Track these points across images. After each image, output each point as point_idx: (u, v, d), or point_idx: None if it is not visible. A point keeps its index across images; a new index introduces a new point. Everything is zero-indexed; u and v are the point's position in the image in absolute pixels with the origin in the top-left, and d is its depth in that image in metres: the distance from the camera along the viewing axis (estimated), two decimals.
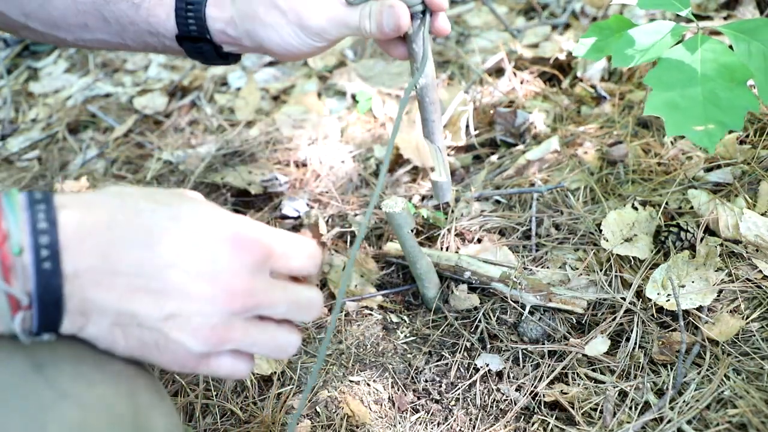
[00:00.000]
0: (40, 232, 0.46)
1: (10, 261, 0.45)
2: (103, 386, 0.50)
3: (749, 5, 1.28)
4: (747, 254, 0.87)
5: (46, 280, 0.46)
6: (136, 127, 1.58)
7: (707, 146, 0.75)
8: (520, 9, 1.68)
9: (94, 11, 0.80)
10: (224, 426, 0.84)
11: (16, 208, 0.47)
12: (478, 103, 1.30)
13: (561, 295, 0.87)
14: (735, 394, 0.73)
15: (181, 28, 0.78)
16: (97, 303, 0.49)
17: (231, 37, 0.78)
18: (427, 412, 0.81)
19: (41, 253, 0.46)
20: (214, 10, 0.76)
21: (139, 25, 0.79)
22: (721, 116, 0.75)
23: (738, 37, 0.80)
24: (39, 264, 0.46)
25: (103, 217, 0.50)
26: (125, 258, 0.49)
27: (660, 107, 0.78)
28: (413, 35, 0.71)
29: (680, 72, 0.79)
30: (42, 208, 0.47)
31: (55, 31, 0.83)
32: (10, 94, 1.85)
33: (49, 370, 0.47)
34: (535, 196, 1.04)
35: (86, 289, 0.48)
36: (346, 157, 1.29)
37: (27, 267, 0.46)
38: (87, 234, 0.48)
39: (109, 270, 0.49)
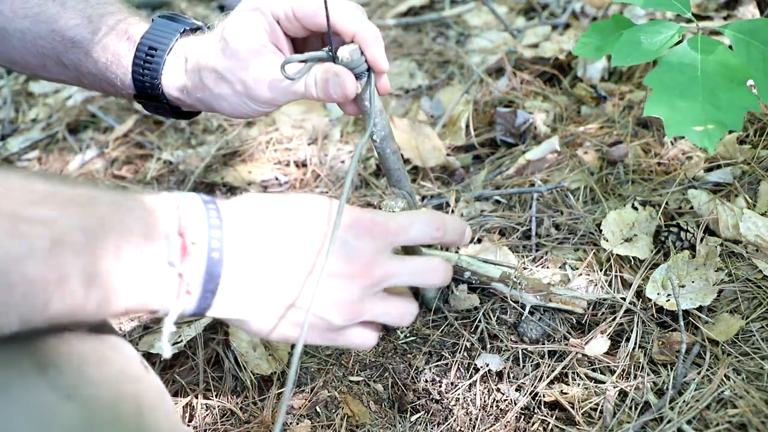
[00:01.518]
0: (212, 226, 0.55)
1: (188, 250, 0.53)
2: (106, 388, 0.50)
3: (749, 5, 1.28)
4: (747, 254, 0.87)
5: (212, 268, 0.54)
6: (136, 127, 1.58)
7: (707, 146, 0.75)
8: (520, 9, 1.68)
9: (53, 55, 0.78)
10: (224, 426, 0.84)
11: (198, 205, 0.56)
12: (478, 103, 1.30)
13: (561, 295, 0.87)
14: (735, 394, 0.73)
15: (138, 89, 0.77)
16: (246, 289, 0.58)
17: (185, 102, 0.78)
18: (427, 412, 0.81)
19: (212, 245, 0.54)
20: (168, 79, 0.76)
21: (98, 76, 0.79)
22: (721, 116, 0.75)
23: (738, 37, 0.80)
24: (210, 253, 0.54)
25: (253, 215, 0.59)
26: (271, 250, 0.59)
27: (660, 108, 0.78)
28: (362, 93, 0.70)
29: (681, 73, 0.79)
30: (212, 207, 0.57)
31: (12, 65, 0.83)
32: (10, 94, 1.85)
33: (53, 372, 0.48)
34: (535, 196, 1.04)
35: (239, 278, 0.57)
36: (346, 157, 1.29)
37: (197, 258, 0.54)
38: (243, 230, 0.58)
39: (260, 258, 0.58)
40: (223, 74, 0.72)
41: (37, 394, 0.46)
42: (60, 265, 0.46)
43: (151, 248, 0.52)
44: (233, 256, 0.56)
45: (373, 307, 0.64)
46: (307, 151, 1.32)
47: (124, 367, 0.54)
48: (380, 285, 0.64)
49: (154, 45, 0.75)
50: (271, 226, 0.60)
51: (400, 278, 0.65)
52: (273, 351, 0.90)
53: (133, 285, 0.51)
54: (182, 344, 0.91)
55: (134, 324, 1.00)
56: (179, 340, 0.92)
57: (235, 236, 0.57)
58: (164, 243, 0.52)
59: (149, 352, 0.91)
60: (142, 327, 0.99)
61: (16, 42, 0.79)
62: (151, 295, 0.53)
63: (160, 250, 0.52)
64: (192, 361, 0.91)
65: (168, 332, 0.55)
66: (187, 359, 0.92)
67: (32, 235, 0.45)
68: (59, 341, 0.50)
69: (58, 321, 0.48)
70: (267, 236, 0.59)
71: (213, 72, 0.72)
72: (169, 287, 0.53)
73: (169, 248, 0.53)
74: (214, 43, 0.73)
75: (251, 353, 0.90)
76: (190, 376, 0.90)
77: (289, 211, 0.62)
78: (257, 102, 0.74)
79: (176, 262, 0.53)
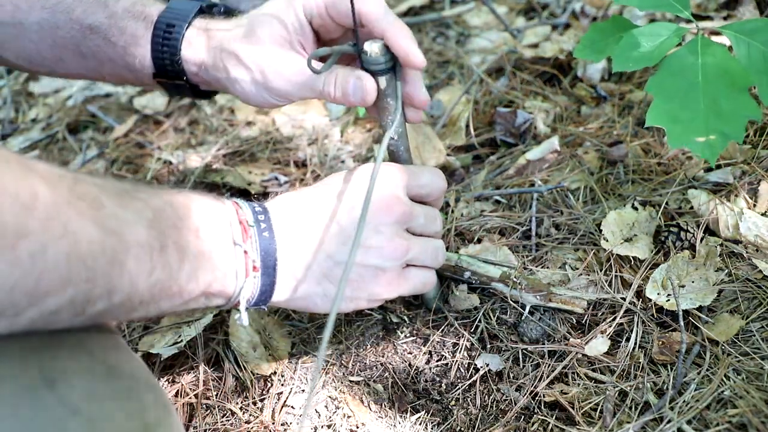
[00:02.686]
0: (258, 213, 0.66)
1: (249, 232, 0.63)
2: (113, 403, 0.51)
3: (749, 5, 1.28)
4: (747, 254, 0.87)
5: (267, 245, 0.64)
6: (136, 127, 1.58)
7: (708, 158, 0.75)
8: (520, 9, 1.68)
9: (71, 45, 0.79)
10: (224, 426, 0.84)
11: (243, 202, 0.67)
12: (478, 103, 1.30)
13: (561, 295, 0.87)
14: (735, 394, 0.73)
15: (158, 67, 0.78)
16: (304, 260, 0.67)
17: (204, 79, 0.79)
18: (427, 412, 0.81)
19: (261, 227, 0.64)
20: (189, 52, 0.77)
21: (117, 62, 0.80)
22: (723, 126, 0.75)
23: (738, 38, 0.80)
24: (261, 233, 0.64)
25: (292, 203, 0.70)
26: (311, 221, 0.68)
27: (662, 118, 0.77)
28: (385, 89, 0.70)
29: (682, 79, 0.78)
30: (255, 202, 0.68)
31: (27, 64, 0.83)
32: (10, 94, 1.85)
33: (60, 386, 0.48)
34: (535, 196, 1.04)
35: (291, 253, 0.66)
36: (346, 157, 1.29)
37: (254, 238, 0.63)
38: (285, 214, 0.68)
39: (306, 232, 0.68)
40: (243, 60, 0.73)
41: (44, 409, 0.46)
42: (161, 235, 0.54)
43: (220, 231, 0.61)
44: (283, 235, 0.66)
45: (412, 244, 0.72)
46: (307, 151, 1.32)
47: (131, 382, 0.54)
48: (406, 222, 0.72)
49: (172, 22, 0.77)
50: (309, 206, 0.70)
51: (418, 219, 0.73)
52: (273, 351, 0.90)
53: (212, 261, 0.59)
54: (182, 344, 0.91)
55: (135, 324, 1.00)
56: (179, 340, 0.92)
57: (281, 220, 0.67)
58: (228, 228, 0.62)
59: (149, 352, 0.91)
60: (142, 327, 0.99)
61: (34, 35, 0.79)
62: (226, 272, 0.61)
63: (227, 233, 0.62)
64: (192, 361, 0.91)
65: (244, 304, 0.64)
66: (187, 359, 0.92)
67: (137, 208, 0.53)
68: (67, 355, 0.51)
69: (157, 293, 0.55)
70: (307, 215, 0.69)
71: (234, 56, 0.74)
72: (239, 265, 0.62)
73: (232, 231, 0.62)
74: (241, 27, 0.74)
75: (251, 353, 0.90)
76: (190, 376, 0.90)
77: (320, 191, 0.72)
78: (272, 93, 0.75)
79: (240, 242, 0.62)
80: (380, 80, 0.70)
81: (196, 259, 0.57)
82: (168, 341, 0.92)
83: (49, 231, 0.45)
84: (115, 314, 0.53)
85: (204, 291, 0.59)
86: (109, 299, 0.50)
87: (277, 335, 0.92)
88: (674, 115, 0.77)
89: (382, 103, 0.72)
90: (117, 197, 0.52)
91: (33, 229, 0.44)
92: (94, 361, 0.52)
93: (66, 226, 0.46)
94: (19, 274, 0.43)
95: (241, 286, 0.63)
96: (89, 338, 0.54)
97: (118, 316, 0.55)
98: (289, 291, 0.67)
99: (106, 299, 0.50)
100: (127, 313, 0.54)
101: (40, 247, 0.44)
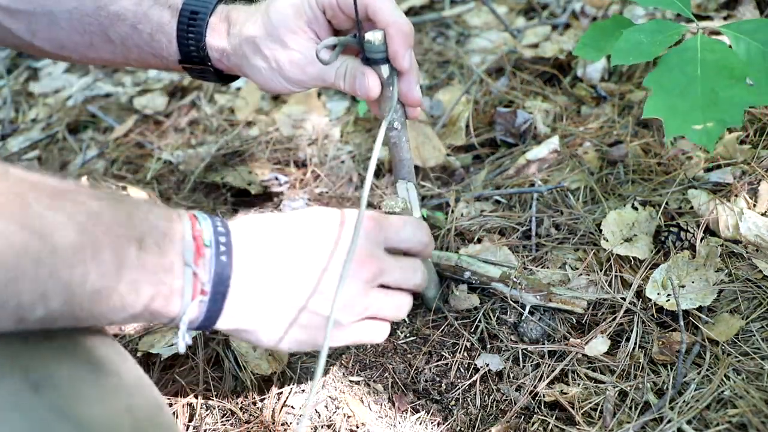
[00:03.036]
0: (219, 233, 0.59)
1: (202, 251, 0.57)
2: (101, 405, 0.50)
3: (749, 5, 1.28)
4: (747, 254, 0.87)
5: (221, 269, 0.58)
6: (136, 127, 1.58)
7: (706, 144, 0.74)
8: (520, 9, 1.68)
9: (99, 32, 0.82)
10: (224, 426, 0.84)
11: (203, 216, 0.60)
12: (478, 103, 1.30)
13: (561, 295, 0.87)
14: (735, 394, 0.73)
15: (183, 54, 0.80)
16: (260, 295, 0.61)
17: (226, 66, 0.81)
18: (427, 412, 0.81)
19: (220, 248, 0.58)
20: (212, 39, 0.79)
21: (143, 48, 0.82)
22: (720, 114, 0.75)
23: (737, 37, 0.80)
24: (218, 256, 0.58)
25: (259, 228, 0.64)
26: (277, 256, 0.62)
27: (659, 109, 0.77)
28: (387, 79, 0.73)
29: (681, 73, 0.79)
30: (218, 219, 0.61)
31: (59, 50, 0.86)
32: (10, 94, 1.85)
33: (46, 391, 0.48)
34: (535, 196, 1.04)
35: (248, 283, 0.60)
36: (346, 157, 1.29)
37: (209, 260, 0.57)
38: (249, 239, 0.62)
39: (265, 265, 0.62)
40: (261, 48, 0.75)
41: (32, 414, 0.46)
42: (94, 240, 0.50)
43: (170, 245, 0.55)
44: (241, 261, 0.60)
45: (374, 301, 0.68)
46: (307, 151, 1.32)
47: (120, 382, 0.54)
48: (377, 280, 0.68)
49: (196, 9, 0.79)
50: (275, 235, 0.64)
51: (392, 275, 0.69)
52: (273, 351, 0.90)
53: (157, 276, 0.54)
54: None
55: (135, 324, 1.00)
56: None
57: (242, 244, 0.61)
58: (180, 243, 0.56)
59: (149, 352, 0.91)
60: (143, 327, 0.99)
61: (64, 23, 0.82)
62: (173, 290, 0.56)
63: (178, 249, 0.56)
64: (192, 361, 0.91)
65: (183, 330, 0.58)
66: (187, 359, 0.92)
67: (70, 211, 0.49)
68: (52, 358, 0.50)
69: (97, 301, 0.51)
70: (272, 244, 0.63)
71: (252, 44, 0.76)
72: (187, 286, 0.56)
73: (184, 248, 0.56)
74: (259, 16, 0.76)
75: (251, 353, 0.90)
76: (190, 376, 0.90)
77: (290, 222, 0.66)
78: (288, 81, 0.77)
79: (191, 261, 0.56)
80: (382, 69, 0.72)
81: (137, 271, 0.53)
82: (168, 341, 0.92)
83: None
84: (67, 321, 0.51)
85: (147, 306, 0.55)
86: (45, 304, 0.48)
87: None
88: (672, 106, 0.77)
89: (385, 92, 0.73)
90: (49, 198, 0.49)
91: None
92: (81, 363, 0.52)
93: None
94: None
95: (185, 308, 0.57)
96: (75, 339, 0.54)
97: (73, 324, 0.52)
98: (236, 322, 0.61)
99: (42, 305, 0.48)
100: (78, 322, 0.52)
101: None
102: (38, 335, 0.50)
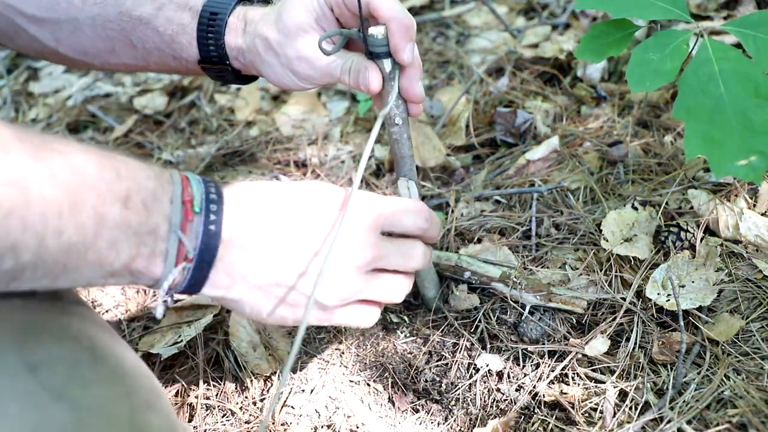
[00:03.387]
0: (211, 200, 0.58)
1: (191, 217, 0.56)
2: (98, 387, 0.50)
3: (749, 5, 1.29)
4: (747, 254, 0.87)
5: (209, 239, 0.57)
6: (136, 127, 1.58)
7: (754, 180, 0.75)
8: (520, 9, 1.68)
9: (122, 37, 0.83)
10: (224, 426, 0.84)
11: (197, 180, 0.59)
12: (478, 103, 1.30)
13: (561, 295, 0.87)
14: (735, 394, 0.73)
15: (203, 54, 0.82)
16: (247, 268, 0.60)
17: (242, 64, 0.83)
18: (427, 412, 0.81)
19: (210, 217, 0.57)
20: (229, 37, 0.81)
21: (164, 50, 0.83)
22: (759, 144, 0.75)
23: (743, 33, 0.79)
24: (207, 225, 0.57)
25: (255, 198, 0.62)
26: (268, 230, 0.61)
27: (698, 145, 0.77)
28: (390, 73, 0.73)
29: (705, 95, 0.78)
30: (212, 184, 0.60)
31: (83, 56, 0.88)
32: (10, 94, 1.85)
33: (43, 372, 0.48)
34: (535, 196, 1.04)
35: (236, 255, 0.59)
36: (346, 157, 1.29)
37: (197, 227, 0.56)
38: (242, 210, 0.60)
39: (256, 238, 0.60)
40: (272, 45, 0.77)
41: (27, 395, 0.46)
42: (74, 194, 0.49)
43: (157, 206, 0.55)
44: (231, 232, 0.59)
45: (365, 286, 0.67)
46: (307, 151, 1.32)
47: (117, 365, 0.54)
48: (371, 265, 0.67)
49: (216, 10, 0.80)
50: (270, 208, 0.63)
51: (389, 259, 0.68)
52: (273, 351, 0.90)
53: (139, 236, 0.53)
54: (182, 344, 0.91)
55: (135, 324, 1.00)
56: (179, 340, 0.92)
57: (234, 214, 0.60)
58: (169, 206, 0.55)
59: (149, 352, 0.91)
60: (143, 327, 1.00)
61: (87, 29, 0.84)
62: (155, 252, 0.55)
63: (165, 211, 0.55)
64: (192, 361, 0.91)
65: (163, 295, 0.57)
66: (187, 359, 0.92)
67: (52, 162, 0.48)
68: (51, 341, 0.50)
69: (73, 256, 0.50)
70: (265, 217, 0.62)
71: (265, 40, 0.77)
72: (171, 250, 0.55)
73: (172, 211, 0.55)
74: (272, 15, 0.78)
75: (251, 353, 0.90)
76: (190, 376, 0.90)
77: (288, 195, 0.65)
78: (298, 77, 0.79)
79: (178, 227, 0.55)
80: (384, 63, 0.72)
81: (119, 229, 0.52)
82: (168, 341, 0.92)
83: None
84: (35, 277, 0.50)
85: (126, 265, 0.54)
86: (15, 257, 0.47)
87: (277, 335, 0.92)
88: (709, 138, 0.76)
89: (386, 86, 0.73)
90: (33, 148, 0.48)
91: None
92: (79, 346, 0.52)
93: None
94: None
95: (168, 273, 0.56)
96: (75, 324, 0.54)
97: (40, 279, 0.51)
98: (221, 290, 0.61)
99: (12, 256, 0.47)
100: (51, 279, 0.51)
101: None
102: (37, 320, 0.51)
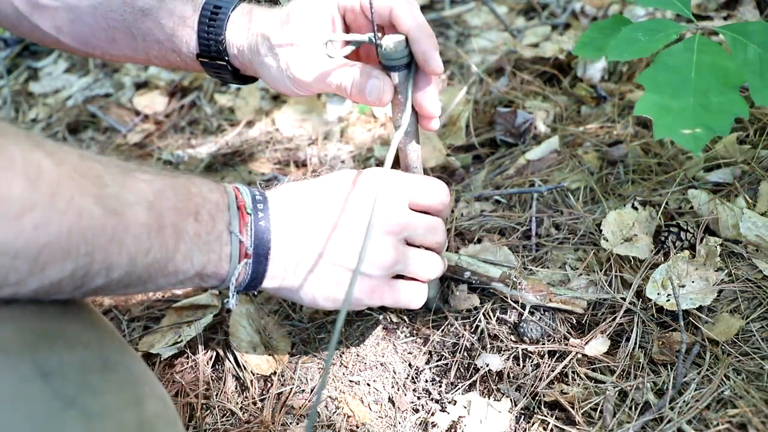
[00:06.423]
0: (257, 201, 0.67)
1: (246, 219, 0.64)
2: (109, 395, 0.51)
3: (749, 5, 1.28)
4: (747, 254, 0.87)
5: (261, 234, 0.65)
6: (137, 127, 1.58)
7: (692, 149, 0.74)
8: (520, 9, 1.68)
9: (123, 27, 0.83)
10: (224, 426, 0.84)
11: (244, 187, 0.68)
12: (478, 103, 1.30)
13: (561, 295, 0.87)
14: (735, 394, 0.73)
15: (202, 48, 0.81)
16: (297, 254, 0.68)
17: (242, 63, 0.81)
18: (427, 412, 0.81)
19: (259, 215, 0.65)
20: (231, 34, 0.80)
21: (164, 43, 0.83)
22: (710, 120, 0.75)
23: (735, 39, 0.80)
24: (257, 222, 0.65)
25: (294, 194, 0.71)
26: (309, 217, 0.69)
27: (651, 108, 0.77)
28: (399, 86, 0.71)
29: (675, 73, 0.79)
30: (256, 189, 0.69)
31: (83, 46, 0.87)
32: (10, 94, 1.85)
33: (55, 379, 0.48)
34: (535, 196, 1.04)
35: (285, 245, 0.67)
36: (346, 157, 1.29)
37: (250, 226, 0.64)
38: (285, 204, 0.69)
39: (303, 228, 0.68)
40: (274, 46, 0.76)
41: (39, 402, 0.46)
42: (160, 217, 0.56)
43: (220, 216, 0.62)
44: (279, 225, 0.67)
45: (403, 256, 0.72)
46: (307, 151, 1.32)
47: (126, 373, 0.54)
48: (402, 233, 0.72)
49: (219, 4, 0.80)
50: (309, 199, 0.70)
51: (416, 230, 0.73)
52: (273, 351, 0.90)
53: (209, 245, 0.61)
54: (182, 344, 0.91)
55: (135, 324, 1.00)
56: (179, 340, 0.92)
57: (279, 209, 0.68)
58: (227, 213, 0.63)
59: (149, 352, 0.91)
60: (143, 327, 1.00)
61: (89, 18, 0.84)
62: (221, 256, 0.63)
63: (226, 219, 0.63)
64: (192, 361, 0.91)
65: (233, 288, 0.65)
66: (187, 359, 0.92)
67: (139, 189, 0.55)
68: (64, 348, 0.51)
69: (154, 271, 0.57)
70: (305, 206, 0.69)
71: (268, 41, 0.76)
72: (234, 250, 0.63)
73: (230, 217, 0.63)
74: (279, 15, 0.77)
75: (251, 353, 0.90)
76: (190, 376, 0.90)
77: (321, 185, 0.72)
78: (294, 83, 0.77)
79: (236, 229, 0.63)
80: (394, 76, 0.71)
81: (193, 242, 0.59)
82: (168, 341, 0.92)
83: (53, 206, 0.48)
84: (113, 289, 0.56)
85: (198, 272, 0.61)
86: (107, 275, 0.53)
87: (277, 335, 0.93)
88: (663, 106, 0.77)
89: (395, 99, 0.72)
90: (120, 176, 0.54)
91: (38, 202, 0.47)
92: (91, 355, 0.52)
93: (69, 203, 0.49)
94: (22, 243, 0.47)
95: (233, 271, 0.64)
96: (86, 332, 0.55)
97: (116, 291, 0.57)
98: (278, 281, 0.68)
99: (104, 275, 0.53)
100: (125, 289, 0.57)
101: (43, 220, 0.47)
102: (50, 327, 0.51)
